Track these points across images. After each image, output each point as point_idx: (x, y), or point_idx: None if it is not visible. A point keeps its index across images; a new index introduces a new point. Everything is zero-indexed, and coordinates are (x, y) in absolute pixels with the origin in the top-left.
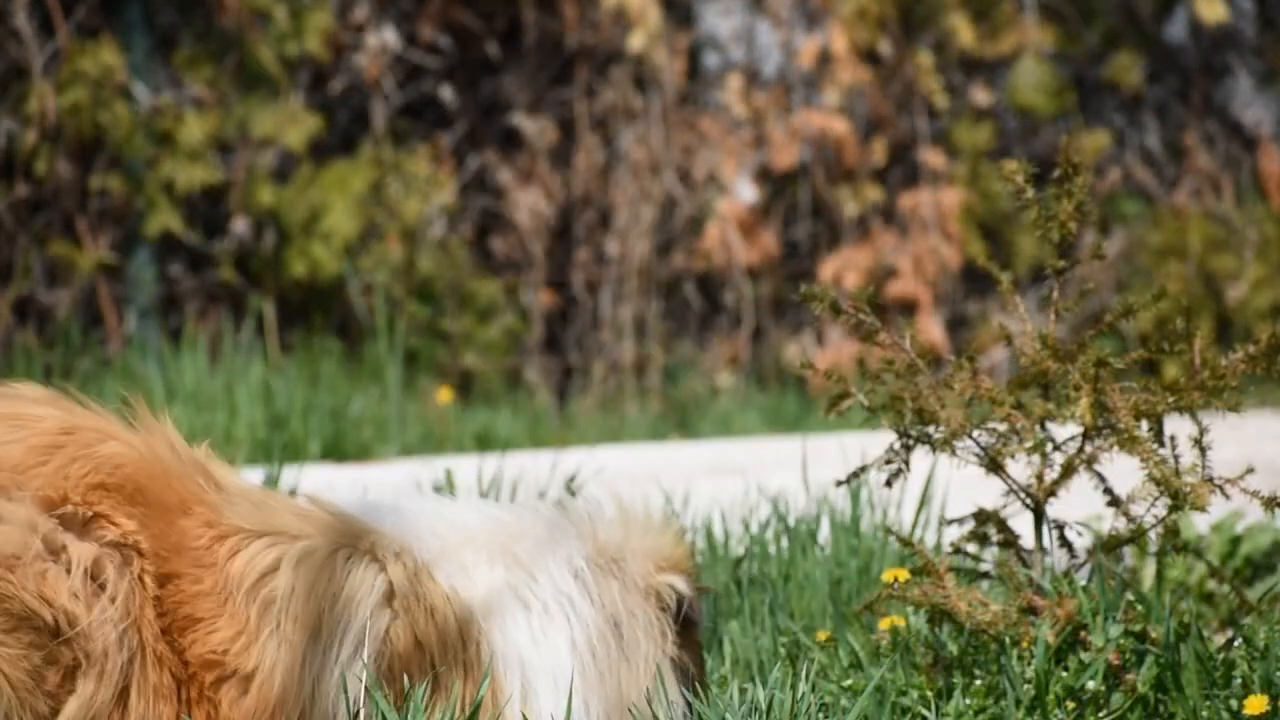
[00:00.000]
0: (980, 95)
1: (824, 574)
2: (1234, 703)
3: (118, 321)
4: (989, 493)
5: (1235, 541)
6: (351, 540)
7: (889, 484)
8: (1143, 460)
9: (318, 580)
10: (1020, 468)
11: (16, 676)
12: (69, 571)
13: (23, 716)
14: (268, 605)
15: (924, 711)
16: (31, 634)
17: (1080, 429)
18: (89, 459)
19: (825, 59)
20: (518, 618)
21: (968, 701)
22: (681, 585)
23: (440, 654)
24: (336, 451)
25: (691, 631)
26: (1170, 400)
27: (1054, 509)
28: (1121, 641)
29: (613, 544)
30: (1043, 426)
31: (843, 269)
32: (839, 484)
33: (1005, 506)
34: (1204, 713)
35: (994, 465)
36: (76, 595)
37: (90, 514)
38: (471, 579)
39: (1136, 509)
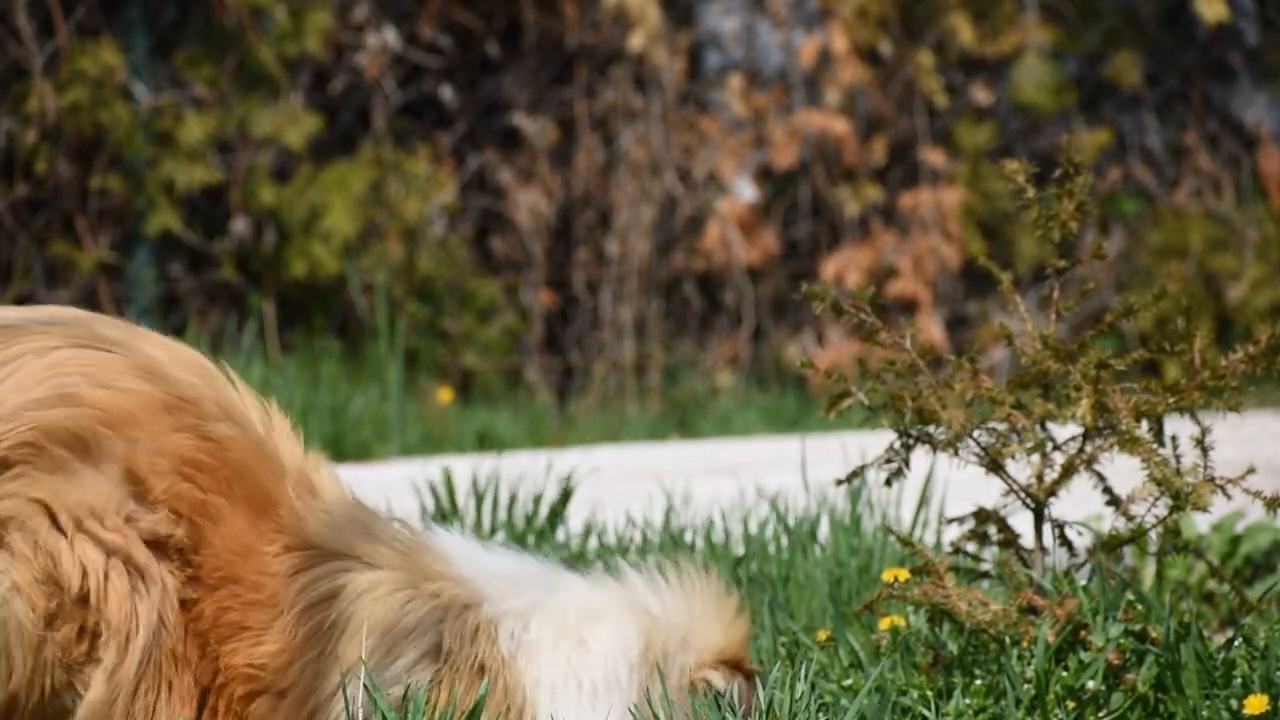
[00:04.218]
0: (981, 94)
1: (824, 574)
2: (1234, 703)
3: None
4: (989, 492)
5: (1235, 541)
6: (417, 580)
7: (889, 483)
8: (1143, 460)
9: (371, 618)
10: (1020, 467)
11: (33, 621)
12: (109, 554)
13: (29, 659)
14: (317, 631)
15: (924, 711)
16: (59, 593)
17: (1081, 429)
18: (197, 432)
19: (825, 58)
20: (570, 694)
21: (968, 701)
22: (719, 681)
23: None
24: (336, 451)
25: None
26: (1171, 400)
27: (1054, 509)
28: (1122, 641)
29: (671, 634)
30: (1043, 426)
31: (843, 268)
32: (838, 483)
33: (1005, 506)
34: (1204, 713)
35: (994, 465)
36: (110, 575)
37: (166, 498)
38: (535, 652)
39: (1137, 509)
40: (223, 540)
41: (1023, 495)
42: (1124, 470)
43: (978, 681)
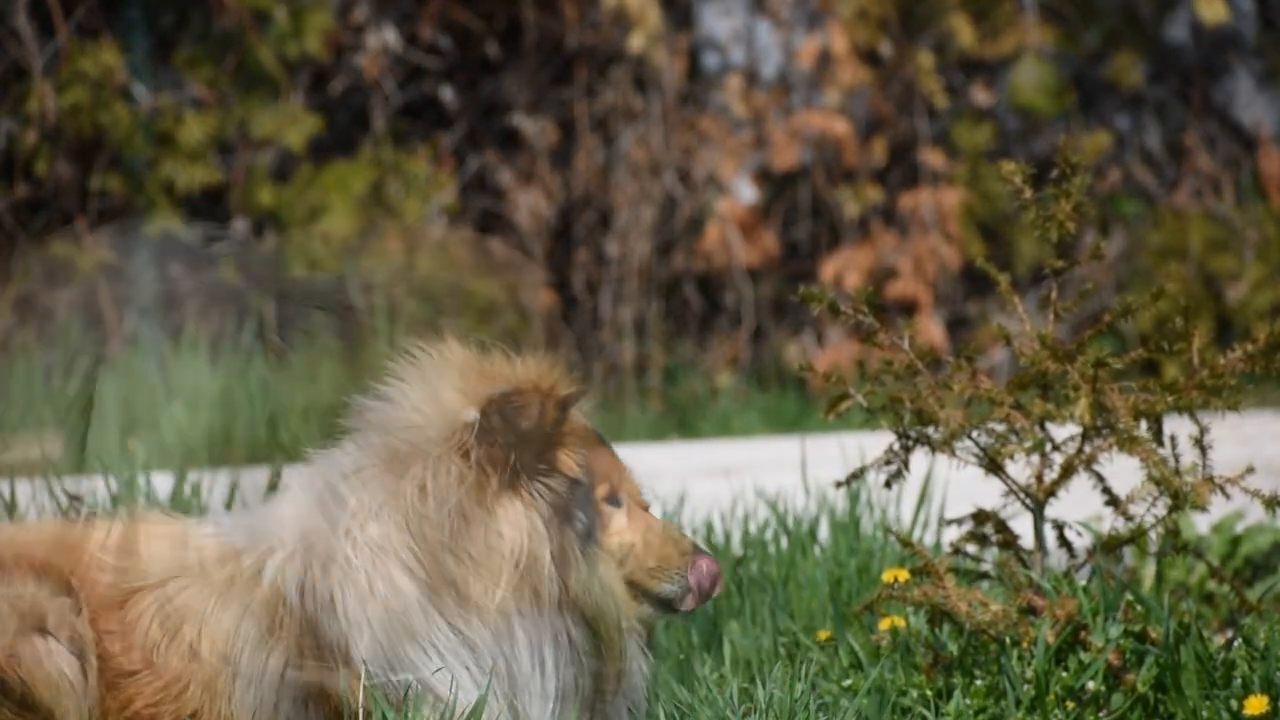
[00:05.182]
0: (980, 95)
1: (824, 574)
2: (1234, 703)
3: (118, 321)
4: (988, 493)
5: (1235, 542)
6: (218, 578)
7: (888, 485)
8: (1142, 460)
9: (212, 625)
10: (1020, 468)
11: None
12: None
13: None
14: (183, 655)
15: (924, 711)
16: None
17: (1079, 429)
18: None
19: (825, 59)
20: (379, 604)
21: (968, 701)
22: (470, 414)
23: (323, 660)
24: None
25: (544, 428)
26: (1169, 400)
27: (1054, 509)
28: (1121, 641)
29: (412, 424)
30: (1042, 427)
31: (843, 269)
32: (838, 485)
33: (1005, 507)
34: (1204, 713)
35: (993, 465)
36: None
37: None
38: (326, 582)
39: (1136, 509)
40: (87, 597)
41: (1022, 496)
42: (1123, 470)
43: (978, 682)
